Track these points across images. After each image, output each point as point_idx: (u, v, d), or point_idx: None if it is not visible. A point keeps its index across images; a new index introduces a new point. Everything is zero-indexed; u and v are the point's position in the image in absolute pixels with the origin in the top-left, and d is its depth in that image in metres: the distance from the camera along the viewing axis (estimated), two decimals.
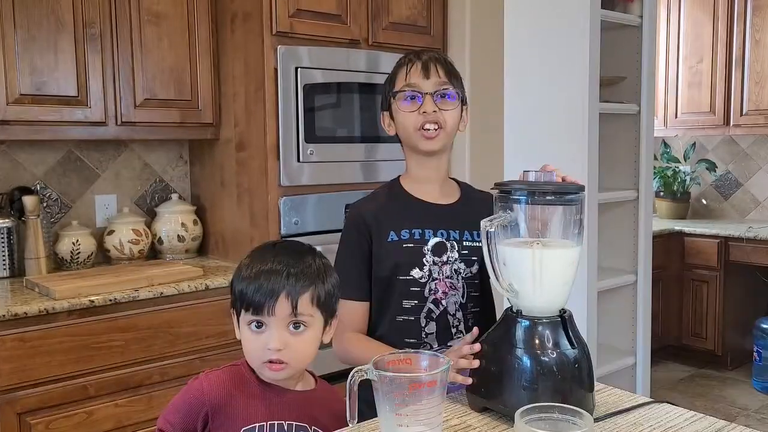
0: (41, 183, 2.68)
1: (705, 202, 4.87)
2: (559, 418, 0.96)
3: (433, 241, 1.46)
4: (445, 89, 1.46)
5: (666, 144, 4.81)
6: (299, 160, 2.59)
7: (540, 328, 1.18)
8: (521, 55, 2.65)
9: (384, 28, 2.84)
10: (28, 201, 2.47)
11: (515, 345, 1.19)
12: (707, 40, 4.39)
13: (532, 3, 2.60)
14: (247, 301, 1.15)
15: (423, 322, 1.45)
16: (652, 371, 2.99)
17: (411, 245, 1.45)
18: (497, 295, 1.45)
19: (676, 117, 4.60)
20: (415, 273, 1.44)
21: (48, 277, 2.37)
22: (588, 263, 2.46)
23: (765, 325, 3.95)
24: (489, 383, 1.21)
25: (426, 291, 1.45)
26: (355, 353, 1.44)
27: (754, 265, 4.13)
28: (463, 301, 1.47)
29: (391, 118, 1.51)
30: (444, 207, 1.51)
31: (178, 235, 2.81)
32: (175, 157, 3.01)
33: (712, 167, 4.60)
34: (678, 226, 4.38)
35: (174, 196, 2.91)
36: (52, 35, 2.35)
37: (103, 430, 2.20)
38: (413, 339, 1.45)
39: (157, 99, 2.59)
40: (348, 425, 1.08)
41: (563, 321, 1.20)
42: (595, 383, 1.23)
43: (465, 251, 1.47)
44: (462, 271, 1.47)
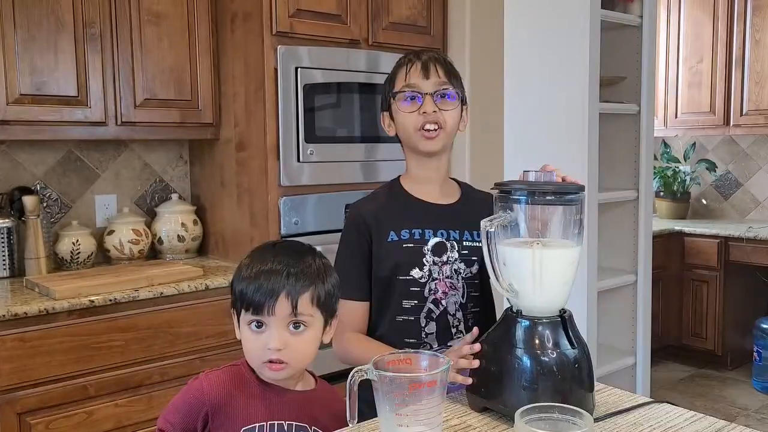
0: (41, 183, 2.68)
1: (705, 202, 4.87)
2: (559, 418, 0.96)
3: (433, 241, 1.46)
4: (445, 89, 1.46)
5: (666, 144, 4.81)
6: (299, 160, 2.59)
7: (540, 328, 1.18)
8: (521, 55, 2.65)
9: (384, 28, 2.84)
10: (28, 201, 2.47)
11: (515, 345, 1.19)
12: (707, 40, 4.39)
13: (532, 3, 2.60)
14: (247, 301, 1.15)
15: (423, 322, 1.45)
16: (652, 371, 2.99)
17: (411, 245, 1.45)
18: (497, 295, 1.45)
19: (676, 117, 4.60)
20: (415, 273, 1.44)
21: (48, 277, 2.37)
22: (588, 263, 2.46)
23: (765, 325, 3.95)
24: (489, 383, 1.21)
25: (426, 291, 1.45)
26: (355, 353, 1.44)
27: (754, 265, 4.13)
28: (463, 301, 1.47)
29: (391, 118, 1.51)
30: (444, 207, 1.51)
31: (178, 235, 2.81)
32: (175, 157, 3.01)
33: (712, 167, 4.60)
34: (678, 226, 4.38)
35: (174, 196, 2.91)
36: (52, 35, 2.35)
37: (103, 430, 2.20)
38: (413, 339, 1.45)
39: (157, 99, 2.59)
40: (348, 425, 1.08)
41: (563, 321, 1.20)
42: (595, 383, 1.23)
43: (465, 251, 1.47)
44: (462, 271, 1.47)
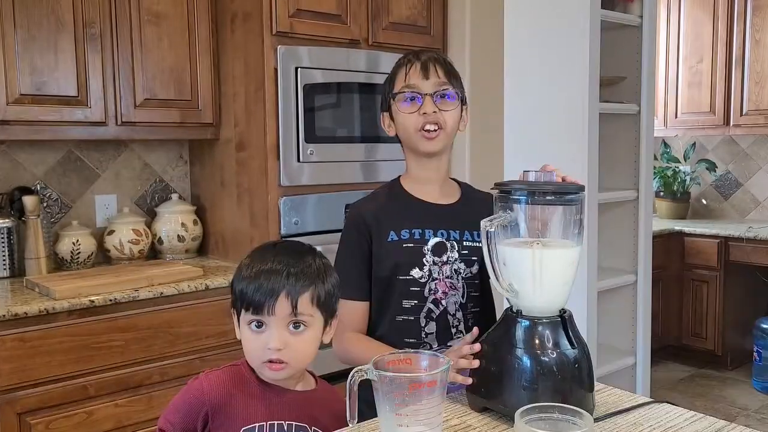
0: (41, 183, 2.68)
1: (705, 202, 4.87)
2: (559, 418, 0.96)
3: (433, 241, 1.46)
4: (445, 89, 1.46)
5: (666, 144, 4.81)
6: (299, 160, 2.59)
7: (540, 328, 1.18)
8: (521, 55, 2.65)
9: (384, 28, 2.84)
10: (28, 201, 2.47)
11: (515, 345, 1.19)
12: (707, 39, 4.39)
13: (532, 3, 2.60)
14: (247, 301, 1.15)
15: (423, 322, 1.45)
16: (652, 371, 2.99)
17: (411, 245, 1.45)
18: (497, 295, 1.45)
19: (676, 117, 4.60)
20: (415, 273, 1.44)
21: (48, 277, 2.37)
22: (588, 263, 2.46)
23: (765, 325, 3.95)
24: (489, 383, 1.21)
25: (426, 291, 1.45)
26: (355, 353, 1.44)
27: (754, 265, 4.13)
28: (463, 301, 1.47)
29: (391, 119, 1.51)
30: (444, 207, 1.51)
31: (178, 235, 2.81)
32: (175, 157, 3.01)
33: (712, 167, 4.60)
34: (678, 226, 4.38)
35: (174, 196, 2.91)
36: (52, 35, 2.35)
37: (103, 430, 2.20)
38: (413, 339, 1.45)
39: (157, 99, 2.59)
40: (348, 425, 1.08)
41: (563, 321, 1.20)
42: (595, 383, 1.23)
43: (465, 251, 1.47)
44: (462, 271, 1.47)
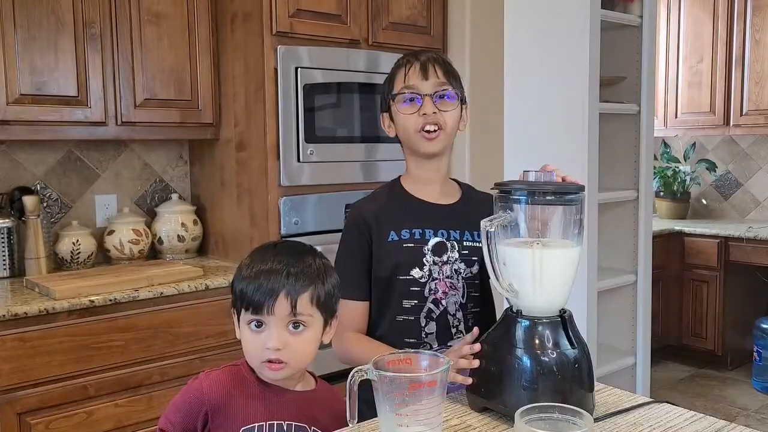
0: (41, 183, 2.68)
1: (705, 202, 4.87)
2: (559, 418, 0.96)
3: (434, 241, 1.46)
4: (444, 90, 1.46)
5: (666, 144, 4.81)
6: (299, 160, 2.59)
7: (540, 328, 1.18)
8: (521, 55, 2.65)
9: (384, 28, 2.84)
10: (28, 201, 2.47)
11: (515, 345, 1.19)
12: (707, 39, 4.39)
13: (532, 3, 2.60)
14: (247, 301, 1.15)
15: (423, 322, 1.45)
16: (652, 371, 2.99)
17: (411, 245, 1.45)
18: (497, 295, 1.45)
19: (676, 117, 4.59)
20: (415, 273, 1.44)
21: (48, 277, 2.37)
22: (588, 263, 2.46)
23: (765, 325, 3.95)
24: (489, 383, 1.21)
25: (426, 291, 1.45)
26: (355, 353, 1.44)
27: (754, 265, 4.13)
28: (463, 301, 1.47)
29: (391, 119, 1.51)
30: (444, 207, 1.51)
31: (178, 235, 2.81)
32: (175, 157, 3.01)
33: (712, 167, 4.60)
34: (678, 226, 4.38)
35: (174, 196, 2.91)
36: (52, 35, 2.35)
37: (103, 430, 2.20)
38: (413, 339, 1.45)
39: (157, 99, 2.59)
40: (348, 425, 1.08)
41: (563, 321, 1.20)
42: (595, 383, 1.23)
43: (465, 251, 1.47)
44: (462, 271, 1.47)
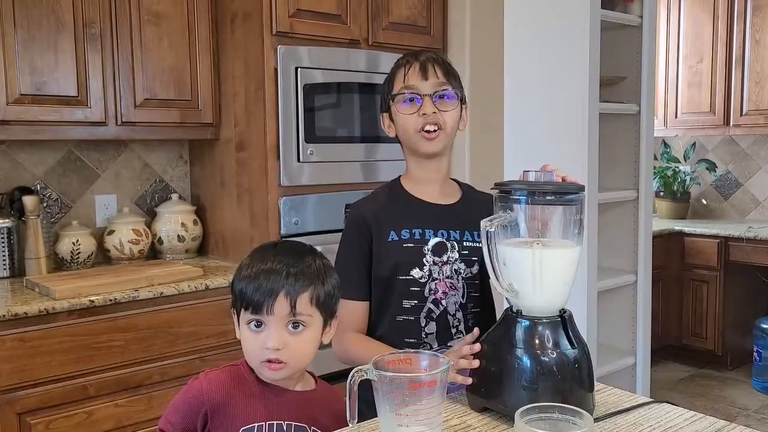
0: (41, 183, 2.68)
1: (705, 202, 4.87)
2: (559, 418, 0.96)
3: (434, 241, 1.46)
4: (444, 90, 1.45)
5: (666, 144, 4.81)
6: (299, 160, 2.59)
7: (540, 328, 1.18)
8: (521, 55, 2.65)
9: (384, 28, 2.84)
10: (28, 201, 2.47)
11: (515, 345, 1.19)
12: (707, 39, 4.39)
13: (532, 3, 2.60)
14: (247, 300, 1.15)
15: (423, 322, 1.45)
16: (652, 371, 2.99)
17: (411, 245, 1.45)
18: (497, 295, 1.45)
19: (676, 117, 4.59)
20: (415, 273, 1.44)
21: (48, 277, 2.37)
22: (588, 263, 2.46)
23: (765, 325, 3.95)
24: (489, 383, 1.21)
25: (426, 291, 1.45)
26: (355, 353, 1.44)
27: (754, 265, 4.13)
28: (463, 301, 1.47)
29: (391, 120, 1.51)
30: (444, 207, 1.51)
31: (178, 235, 2.81)
32: (175, 157, 3.01)
33: (712, 167, 4.60)
34: (678, 226, 4.38)
35: (174, 196, 2.91)
36: (52, 35, 2.35)
37: (103, 430, 2.20)
38: (413, 339, 1.45)
39: (157, 99, 2.59)
40: (348, 425, 1.08)
41: (563, 321, 1.20)
42: (595, 383, 1.23)
43: (465, 251, 1.47)
44: (462, 271, 1.47)
